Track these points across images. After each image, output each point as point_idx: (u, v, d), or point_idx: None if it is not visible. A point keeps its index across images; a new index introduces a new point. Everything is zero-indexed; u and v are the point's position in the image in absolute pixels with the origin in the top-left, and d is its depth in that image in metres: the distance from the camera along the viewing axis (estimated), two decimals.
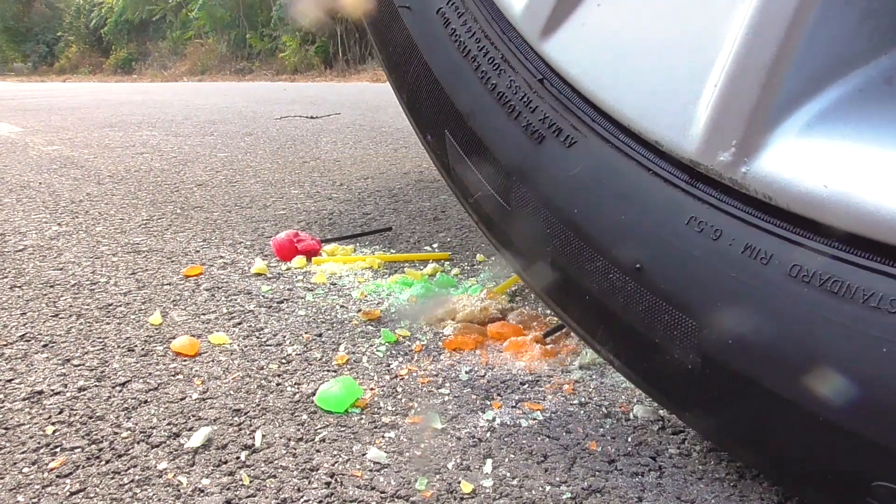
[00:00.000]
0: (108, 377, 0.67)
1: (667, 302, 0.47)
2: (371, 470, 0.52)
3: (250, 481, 0.50)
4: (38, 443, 0.55)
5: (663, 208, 0.48)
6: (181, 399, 0.62)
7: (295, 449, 0.55)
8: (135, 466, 0.52)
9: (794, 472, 0.45)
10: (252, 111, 4.00)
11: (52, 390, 0.64)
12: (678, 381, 0.48)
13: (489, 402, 0.62)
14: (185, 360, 0.71)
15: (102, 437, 0.56)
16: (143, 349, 0.73)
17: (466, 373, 0.68)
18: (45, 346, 0.74)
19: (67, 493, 0.49)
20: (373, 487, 0.50)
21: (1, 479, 0.50)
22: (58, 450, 0.54)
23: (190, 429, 0.57)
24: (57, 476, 0.51)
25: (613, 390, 0.65)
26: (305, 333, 0.78)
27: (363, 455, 0.54)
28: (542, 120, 0.55)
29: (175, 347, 0.73)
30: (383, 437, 0.57)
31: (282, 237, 1.07)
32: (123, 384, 0.65)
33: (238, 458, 0.53)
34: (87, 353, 0.72)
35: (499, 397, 0.63)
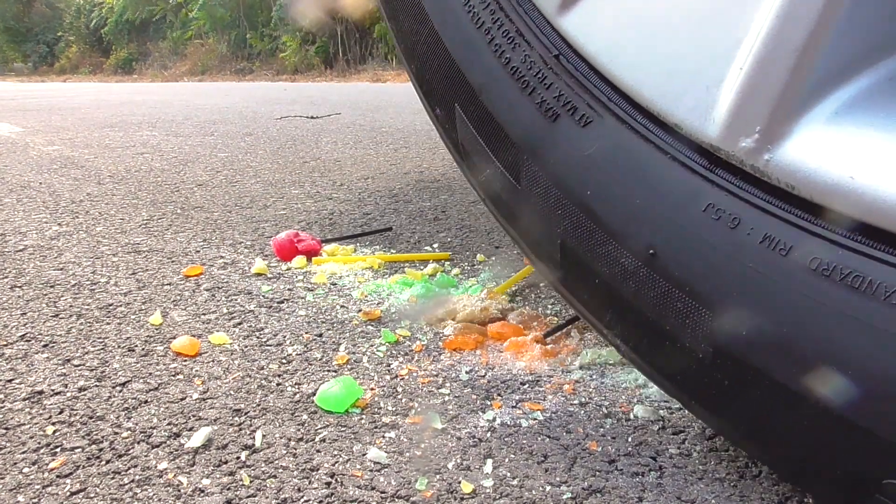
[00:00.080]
0: (109, 377, 0.67)
1: (680, 289, 0.46)
2: (371, 470, 0.52)
3: (250, 481, 0.50)
4: (39, 443, 0.55)
5: (680, 194, 0.46)
6: (181, 399, 0.62)
7: (295, 449, 0.55)
8: (135, 466, 0.52)
9: (802, 469, 0.44)
10: (252, 111, 4.00)
11: (53, 390, 0.64)
12: (687, 370, 0.47)
13: (489, 402, 0.62)
14: (185, 361, 0.71)
15: (103, 437, 0.56)
16: (143, 349, 0.73)
17: (467, 373, 0.68)
18: (45, 346, 0.74)
19: (68, 493, 0.49)
20: (373, 487, 0.50)
21: (1, 479, 0.50)
22: (58, 450, 0.54)
23: (190, 429, 0.57)
24: (57, 476, 0.51)
25: (614, 390, 0.65)
26: (306, 333, 0.78)
27: (363, 455, 0.54)
28: (556, 97, 0.53)
29: (175, 347, 0.73)
30: (384, 437, 0.57)
31: (282, 237, 1.07)
32: (124, 384, 0.65)
33: (238, 458, 0.53)
34: (87, 353, 0.73)
35: (499, 397, 0.63)
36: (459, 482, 0.50)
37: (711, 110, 0.44)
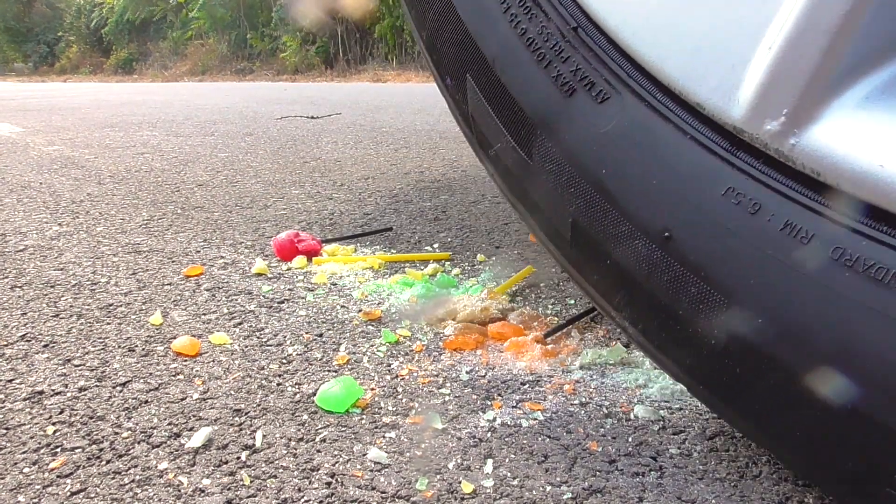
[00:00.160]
0: (109, 377, 0.67)
1: (695, 274, 0.45)
2: (372, 470, 0.52)
3: (251, 481, 0.50)
4: (39, 443, 0.55)
5: (699, 176, 0.45)
6: (182, 399, 0.62)
7: (295, 449, 0.55)
8: (135, 466, 0.52)
9: (813, 461, 0.43)
10: (253, 111, 4.00)
11: (53, 390, 0.64)
12: (698, 356, 0.46)
13: (490, 403, 0.62)
14: (185, 361, 0.71)
15: (103, 438, 0.56)
16: (143, 349, 0.73)
17: (467, 373, 0.68)
18: (45, 346, 0.74)
19: (68, 493, 0.49)
20: (373, 487, 0.50)
21: (2, 479, 0.50)
22: (58, 450, 0.54)
23: (190, 429, 0.57)
24: (57, 476, 0.51)
25: (614, 390, 0.65)
26: (306, 333, 0.78)
27: (364, 455, 0.54)
28: (573, 71, 0.51)
29: (176, 347, 0.73)
30: (384, 437, 0.57)
31: (282, 237, 1.07)
32: (124, 384, 0.65)
33: (239, 458, 0.53)
34: (87, 353, 0.73)
35: (499, 397, 0.63)
36: (460, 482, 0.50)
37: (736, 91, 0.43)
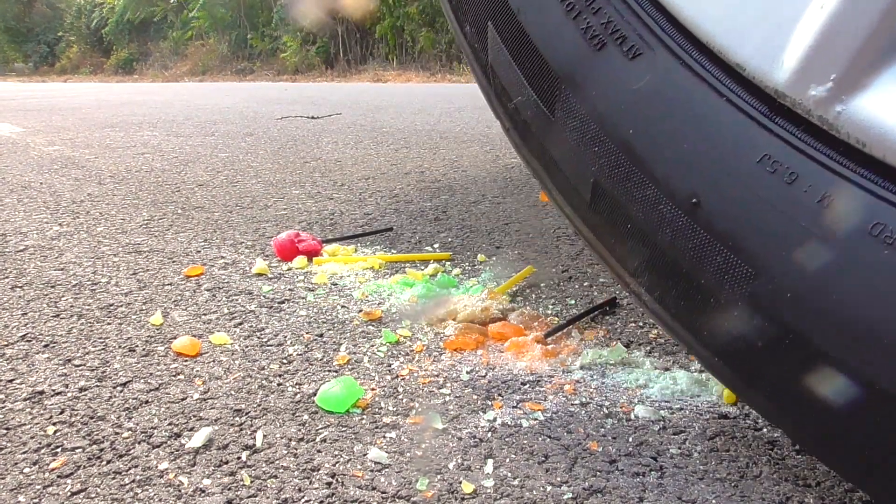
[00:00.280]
0: (110, 377, 0.67)
1: (721, 243, 0.43)
2: (372, 470, 0.52)
3: (251, 481, 0.50)
4: (39, 443, 0.55)
5: (734, 141, 0.42)
6: (182, 399, 0.62)
7: (296, 449, 0.55)
8: (136, 467, 0.52)
9: (834, 443, 0.41)
10: (253, 111, 4.01)
11: (54, 390, 0.64)
12: (718, 327, 0.44)
13: (490, 403, 0.62)
14: (186, 361, 0.71)
15: (103, 438, 0.56)
16: (144, 349, 0.73)
17: (467, 373, 0.68)
18: (46, 346, 0.74)
19: (68, 494, 0.49)
20: (374, 488, 0.50)
21: (2, 479, 0.50)
22: (59, 450, 0.54)
23: (191, 429, 0.57)
24: (58, 476, 0.51)
25: (615, 390, 0.65)
26: (306, 333, 0.78)
27: (364, 455, 0.54)
28: (604, 24, 0.49)
29: (176, 348, 0.73)
30: (384, 437, 0.57)
31: (283, 237, 1.07)
32: (124, 384, 0.65)
33: (239, 458, 0.53)
34: (88, 353, 0.73)
35: (500, 397, 0.63)
36: (460, 482, 0.50)
37: (781, 52, 0.40)
